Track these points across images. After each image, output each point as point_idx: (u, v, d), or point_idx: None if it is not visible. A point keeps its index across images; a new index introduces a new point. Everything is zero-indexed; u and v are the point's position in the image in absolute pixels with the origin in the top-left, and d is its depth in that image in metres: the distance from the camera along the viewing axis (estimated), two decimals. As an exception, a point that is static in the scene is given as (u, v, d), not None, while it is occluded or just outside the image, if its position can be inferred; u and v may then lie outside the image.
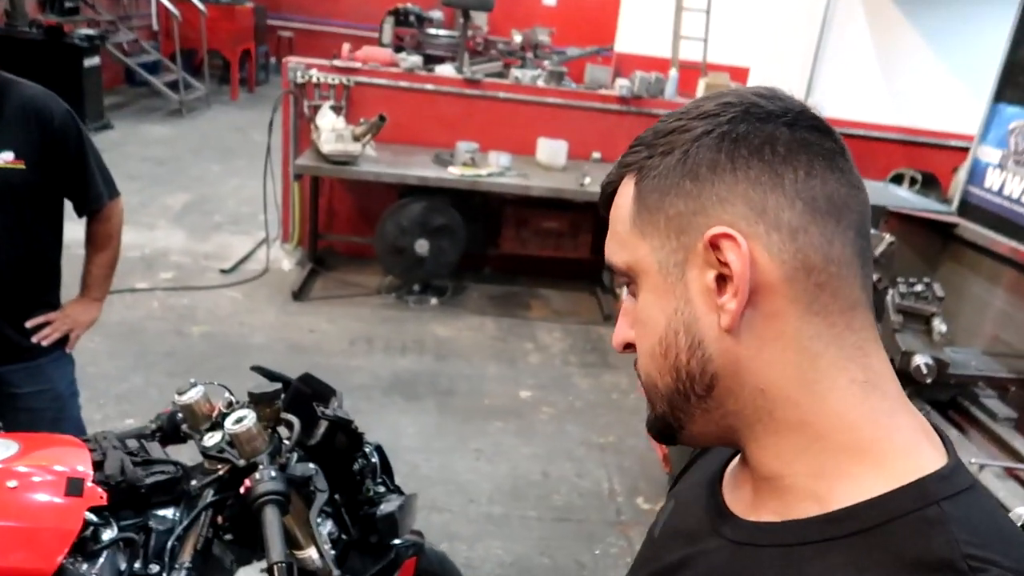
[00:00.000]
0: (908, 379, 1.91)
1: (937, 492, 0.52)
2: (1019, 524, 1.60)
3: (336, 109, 4.65)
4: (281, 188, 4.97)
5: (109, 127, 7.57)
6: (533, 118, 4.90)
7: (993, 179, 2.92)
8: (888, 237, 2.21)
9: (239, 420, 1.36)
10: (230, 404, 1.47)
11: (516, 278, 5.14)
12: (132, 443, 1.41)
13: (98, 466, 1.32)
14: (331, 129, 4.30)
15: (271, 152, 4.66)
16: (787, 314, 0.55)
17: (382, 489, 1.62)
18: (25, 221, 1.87)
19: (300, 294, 4.49)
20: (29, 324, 1.94)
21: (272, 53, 12.03)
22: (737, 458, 0.66)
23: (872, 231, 2.34)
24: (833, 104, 5.28)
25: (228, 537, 1.42)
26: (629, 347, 0.63)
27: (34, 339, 1.95)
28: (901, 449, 0.54)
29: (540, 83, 5.04)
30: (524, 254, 4.96)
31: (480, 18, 10.05)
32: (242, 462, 1.35)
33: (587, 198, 4.48)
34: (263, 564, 1.41)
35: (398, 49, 9.28)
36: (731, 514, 0.62)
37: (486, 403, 3.65)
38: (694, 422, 0.60)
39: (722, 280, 0.55)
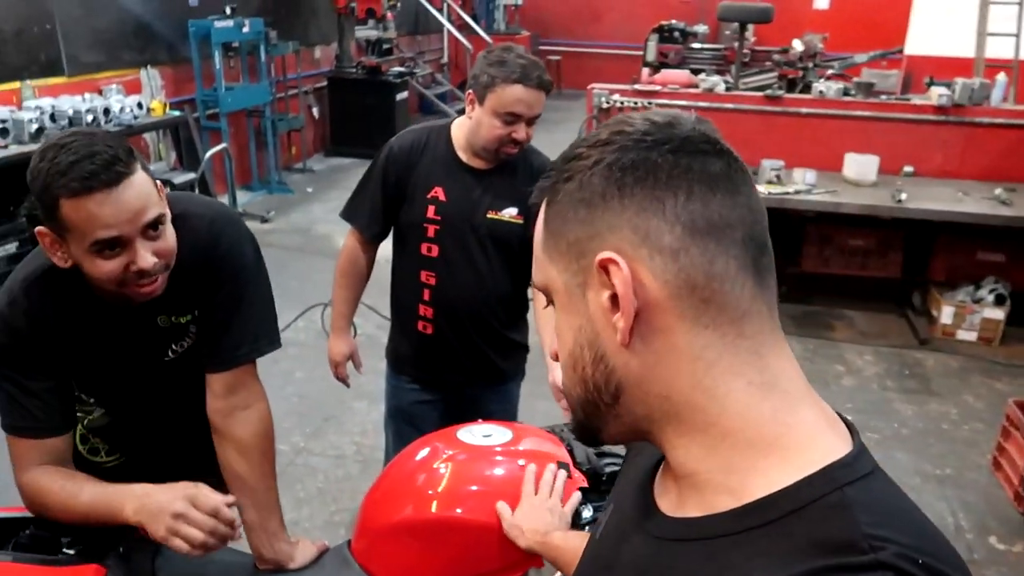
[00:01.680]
0: None
1: (840, 478, 0.54)
2: None
3: (638, 131, 4.86)
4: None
5: (413, 153, 8.48)
6: (839, 132, 4.75)
7: None
8: None
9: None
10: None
11: (813, 297, 4.99)
12: (583, 437, 1.64)
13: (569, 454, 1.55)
14: (639, 151, 4.51)
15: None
16: (677, 328, 0.58)
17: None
18: (514, 267, 2.10)
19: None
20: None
21: (542, 77, 12.73)
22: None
23: None
24: None
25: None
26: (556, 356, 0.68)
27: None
28: (805, 441, 0.57)
29: (849, 96, 4.86)
30: (825, 272, 4.82)
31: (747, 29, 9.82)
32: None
33: (901, 215, 4.25)
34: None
35: (661, 65, 9.42)
36: (657, 511, 0.64)
37: (800, 424, 3.61)
38: (609, 425, 0.64)
39: (615, 299, 0.58)
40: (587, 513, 1.47)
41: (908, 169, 4.72)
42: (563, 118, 10.61)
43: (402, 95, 8.24)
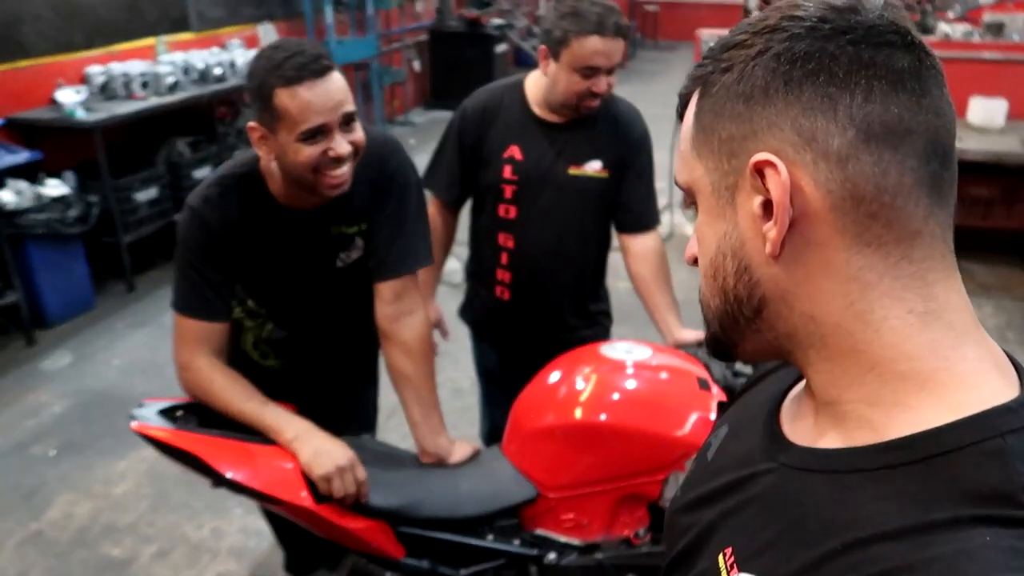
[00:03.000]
0: None
1: (1001, 425, 0.49)
2: None
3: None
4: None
5: (511, 105, 8.55)
6: (964, 76, 4.53)
7: None
8: None
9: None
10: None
11: (929, 249, 4.83)
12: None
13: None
14: (749, 97, 4.44)
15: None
16: (834, 243, 0.53)
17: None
18: (600, 228, 2.00)
19: (708, 256, 4.75)
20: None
21: (639, 29, 12.50)
22: (800, 385, 0.65)
23: None
24: None
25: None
26: (695, 261, 0.63)
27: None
28: (964, 380, 0.52)
29: (976, 38, 4.64)
30: (943, 223, 4.65)
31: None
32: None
33: (1032, 162, 4.06)
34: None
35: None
36: (786, 439, 0.61)
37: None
38: (746, 341, 0.60)
39: (768, 206, 0.53)
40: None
41: (1039, 114, 4.49)
42: (661, 70, 10.46)
43: (501, 48, 8.30)
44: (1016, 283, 4.46)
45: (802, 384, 0.64)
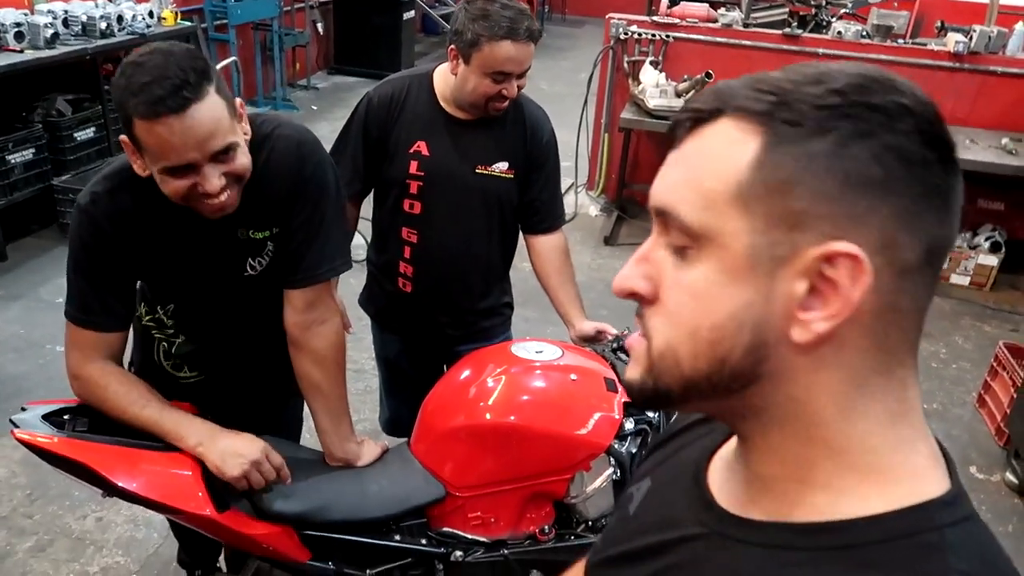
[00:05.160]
0: None
1: (939, 518, 0.51)
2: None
3: (654, 64, 4.86)
4: (591, 138, 5.31)
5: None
6: (853, 75, 4.77)
7: None
8: None
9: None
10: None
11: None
12: (623, 356, 1.76)
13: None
14: (655, 85, 4.53)
15: (587, 104, 5.01)
16: (856, 345, 0.52)
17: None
18: (504, 225, 2.01)
19: (611, 239, 4.85)
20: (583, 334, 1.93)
21: (547, 3, 12.46)
22: (729, 446, 0.64)
23: None
24: None
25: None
26: (634, 296, 0.57)
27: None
28: (916, 474, 0.54)
29: (866, 38, 4.87)
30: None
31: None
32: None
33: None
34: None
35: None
36: (716, 505, 0.60)
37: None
38: (699, 403, 0.57)
39: (814, 293, 0.51)
40: (629, 425, 1.60)
41: (918, 115, 4.77)
42: (569, 46, 10.48)
43: (409, 14, 8.09)
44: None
45: (731, 445, 0.63)
